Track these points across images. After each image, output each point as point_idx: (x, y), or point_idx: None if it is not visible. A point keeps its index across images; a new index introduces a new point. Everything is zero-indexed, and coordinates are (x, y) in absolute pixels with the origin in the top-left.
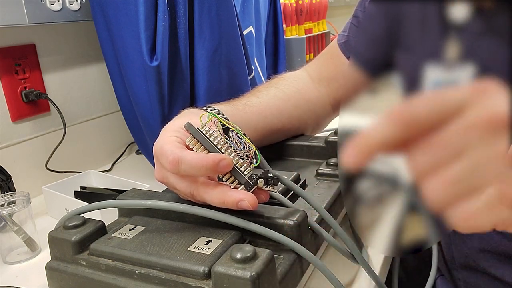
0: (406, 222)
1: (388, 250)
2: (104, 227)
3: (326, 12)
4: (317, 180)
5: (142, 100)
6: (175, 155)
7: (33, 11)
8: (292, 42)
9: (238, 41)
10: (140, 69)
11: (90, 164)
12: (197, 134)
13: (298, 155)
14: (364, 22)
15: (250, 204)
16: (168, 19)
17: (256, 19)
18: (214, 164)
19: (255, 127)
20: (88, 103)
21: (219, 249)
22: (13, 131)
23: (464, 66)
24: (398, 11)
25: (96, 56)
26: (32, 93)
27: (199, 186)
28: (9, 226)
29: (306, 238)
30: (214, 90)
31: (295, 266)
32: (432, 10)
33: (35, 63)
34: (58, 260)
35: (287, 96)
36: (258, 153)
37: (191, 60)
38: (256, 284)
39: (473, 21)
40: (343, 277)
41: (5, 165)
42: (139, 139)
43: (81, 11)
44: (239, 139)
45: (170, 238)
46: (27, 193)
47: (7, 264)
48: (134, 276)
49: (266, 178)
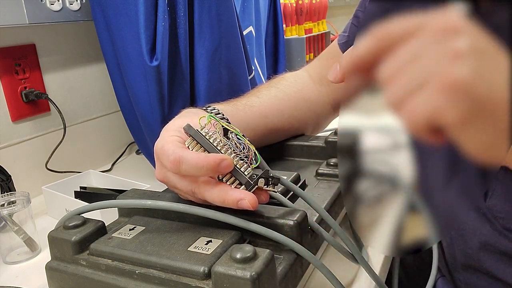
0: (406, 222)
1: (388, 250)
2: (104, 227)
3: (326, 12)
4: (317, 180)
5: (142, 100)
6: (176, 155)
7: (33, 11)
8: (292, 42)
9: (238, 41)
10: (140, 69)
11: (90, 164)
12: (196, 135)
13: (298, 155)
14: (364, 21)
15: (251, 204)
16: (168, 19)
17: (256, 19)
18: (215, 164)
19: (255, 127)
20: (88, 103)
21: (219, 249)
22: (13, 131)
23: None
24: (398, 10)
25: (96, 56)
26: (32, 93)
27: (200, 184)
28: (9, 226)
29: (306, 238)
30: (214, 90)
31: (295, 266)
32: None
33: (35, 63)
34: (58, 260)
35: (287, 96)
36: (257, 154)
37: (191, 60)
38: (256, 284)
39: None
40: (343, 277)
41: (5, 165)
42: (139, 139)
43: (81, 11)
44: (239, 140)
45: (170, 238)
46: (27, 193)
47: (7, 264)
48: (134, 276)
49: (266, 178)
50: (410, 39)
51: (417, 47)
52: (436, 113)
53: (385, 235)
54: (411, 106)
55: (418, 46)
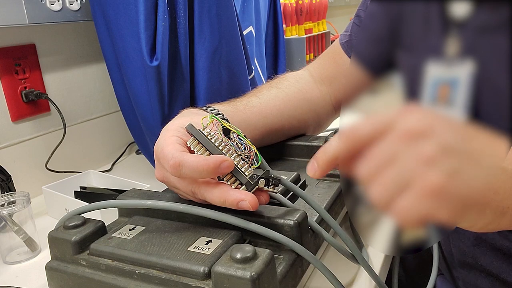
0: None
1: (388, 249)
2: (104, 227)
3: (326, 12)
4: (317, 180)
5: (142, 100)
6: (176, 159)
7: (33, 11)
8: (292, 42)
9: (238, 41)
10: (140, 69)
11: (90, 164)
12: (198, 135)
13: (298, 155)
14: (366, 21)
15: (251, 205)
16: (168, 19)
17: (256, 19)
18: (215, 166)
19: (255, 127)
20: (88, 103)
21: (219, 249)
22: (13, 131)
23: (464, 64)
24: (399, 10)
25: (96, 56)
26: (32, 93)
27: (201, 185)
28: (9, 226)
29: (306, 238)
30: (214, 90)
31: (295, 266)
32: (433, 8)
33: (35, 63)
34: (58, 260)
35: (288, 97)
36: (258, 154)
37: (191, 60)
38: (256, 284)
39: (474, 17)
40: (343, 277)
41: (5, 165)
42: (139, 139)
43: (81, 11)
44: (240, 141)
45: (170, 238)
46: (27, 193)
47: (7, 264)
48: (134, 276)
49: (267, 178)
50: (380, 140)
51: (389, 149)
52: (427, 215)
53: (386, 234)
54: (400, 207)
55: (390, 148)
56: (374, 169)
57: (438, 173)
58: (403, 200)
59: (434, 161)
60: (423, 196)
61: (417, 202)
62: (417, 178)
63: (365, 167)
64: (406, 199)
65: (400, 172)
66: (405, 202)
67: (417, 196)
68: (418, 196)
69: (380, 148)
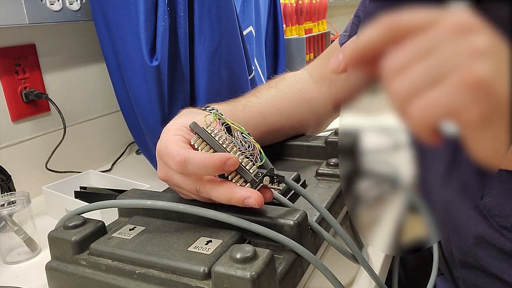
0: (406, 221)
1: (389, 249)
2: (104, 227)
3: (326, 12)
4: (317, 180)
5: (142, 100)
6: (181, 156)
7: (33, 11)
8: (292, 42)
9: (238, 41)
10: (140, 69)
11: (90, 164)
12: (202, 133)
13: (298, 155)
14: (364, 20)
15: (256, 202)
16: (168, 19)
17: (256, 19)
18: (221, 163)
19: (255, 127)
20: (88, 103)
21: (219, 249)
22: (13, 131)
23: None
24: (398, 10)
25: (96, 56)
26: (32, 93)
27: (205, 183)
28: (9, 226)
29: (306, 238)
30: (214, 90)
31: (295, 266)
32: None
33: (35, 63)
34: (58, 260)
35: (287, 97)
36: (262, 152)
37: (191, 60)
38: (256, 284)
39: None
40: (343, 277)
41: (5, 165)
42: (139, 139)
43: (81, 11)
44: (244, 138)
45: (170, 238)
46: (27, 193)
47: (7, 264)
48: (134, 276)
49: (271, 176)
50: (422, 31)
51: (430, 40)
52: (454, 110)
53: (386, 234)
54: (422, 101)
55: (432, 40)
56: (406, 60)
57: (486, 66)
58: (430, 92)
59: (483, 54)
60: (460, 87)
61: (448, 94)
62: (457, 69)
63: (395, 58)
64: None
65: (436, 63)
66: (432, 94)
67: (451, 87)
68: (453, 86)
69: (420, 38)
